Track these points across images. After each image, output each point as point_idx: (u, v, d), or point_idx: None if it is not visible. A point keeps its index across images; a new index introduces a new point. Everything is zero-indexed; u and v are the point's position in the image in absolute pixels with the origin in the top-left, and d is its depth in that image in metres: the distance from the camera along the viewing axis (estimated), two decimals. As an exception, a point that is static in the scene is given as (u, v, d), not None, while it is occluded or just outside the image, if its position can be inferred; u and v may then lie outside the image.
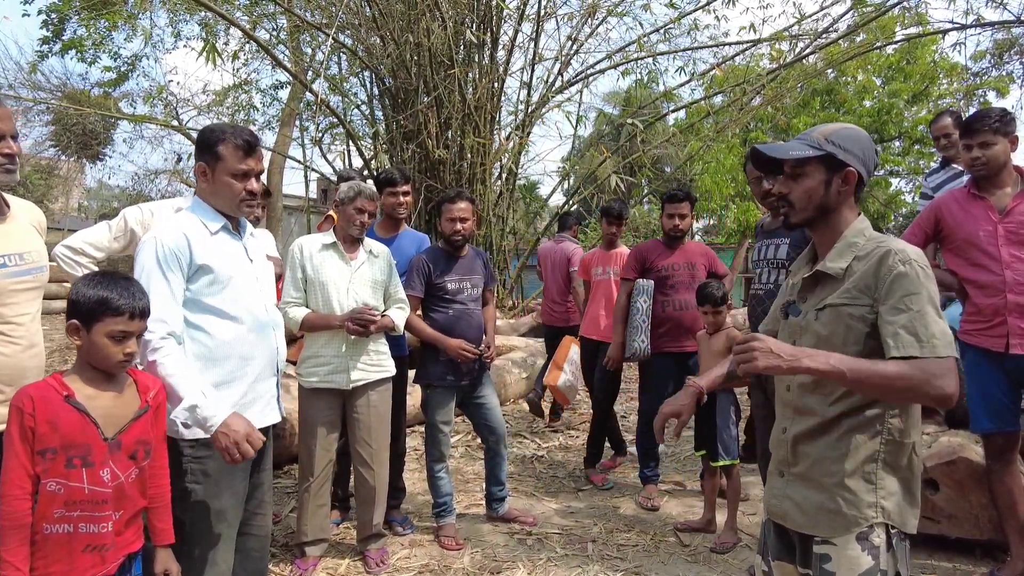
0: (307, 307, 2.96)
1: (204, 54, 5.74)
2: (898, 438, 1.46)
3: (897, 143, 17.87)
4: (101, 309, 1.59)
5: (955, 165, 3.82)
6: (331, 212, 3.99)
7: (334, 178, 8.95)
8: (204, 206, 1.99)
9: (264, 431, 2.09)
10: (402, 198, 3.49)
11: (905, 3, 7.24)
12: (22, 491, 1.51)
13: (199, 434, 1.87)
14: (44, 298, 2.11)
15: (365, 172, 6.98)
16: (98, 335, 1.59)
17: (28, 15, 10.72)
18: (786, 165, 1.55)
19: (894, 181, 19.56)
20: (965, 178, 3.18)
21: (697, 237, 17.88)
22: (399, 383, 3.36)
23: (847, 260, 1.51)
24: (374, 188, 3.09)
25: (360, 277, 3.00)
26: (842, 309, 1.49)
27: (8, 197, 1.91)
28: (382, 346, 3.08)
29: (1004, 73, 11.54)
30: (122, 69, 11.73)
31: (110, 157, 17.10)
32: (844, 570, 1.43)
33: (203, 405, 1.79)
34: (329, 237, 3.03)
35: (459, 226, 3.29)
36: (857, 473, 1.45)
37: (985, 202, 2.68)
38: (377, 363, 3.03)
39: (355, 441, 3.02)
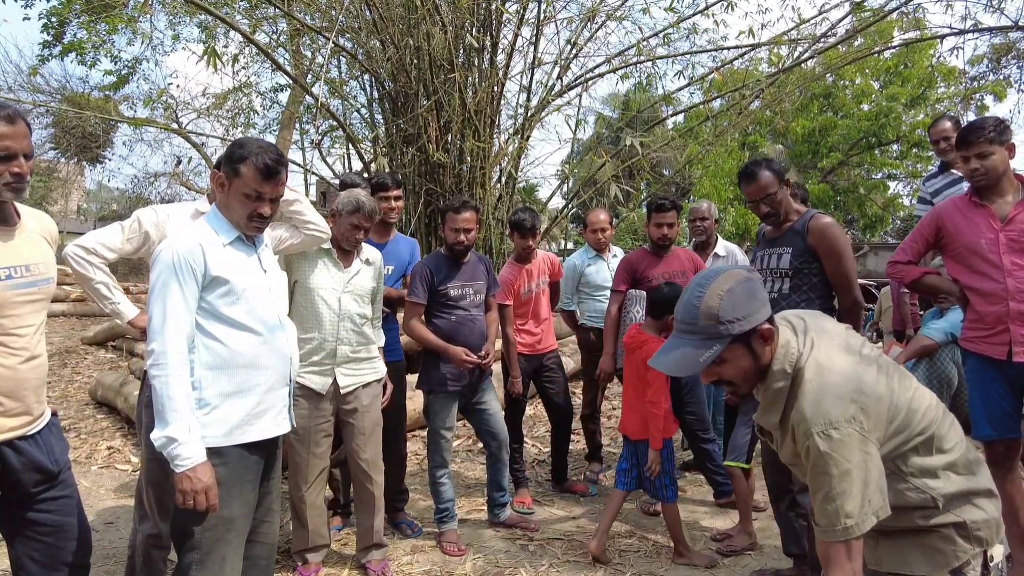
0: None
1: (205, 58, 5.74)
2: (947, 481, 1.50)
3: (895, 147, 17.90)
4: None
5: (954, 171, 3.83)
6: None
7: (335, 181, 8.94)
8: (220, 217, 2.00)
9: (276, 440, 2.09)
10: (394, 203, 3.49)
11: (903, 8, 7.26)
12: None
13: (210, 442, 1.87)
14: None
15: (367, 175, 6.99)
16: None
17: (28, 19, 10.72)
18: None
19: (892, 184, 19.61)
20: (964, 184, 3.19)
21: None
22: (397, 387, 3.36)
23: (775, 414, 1.52)
24: (375, 204, 3.01)
25: (353, 286, 2.98)
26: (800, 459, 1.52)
27: (19, 207, 1.90)
28: (373, 352, 3.07)
29: (1001, 77, 11.59)
30: (122, 72, 11.74)
31: (110, 160, 17.10)
32: None
33: (183, 442, 1.78)
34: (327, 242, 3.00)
35: (462, 236, 3.29)
36: (932, 531, 1.49)
37: (987, 210, 2.69)
38: (369, 368, 3.03)
39: (352, 448, 3.01)
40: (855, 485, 1.37)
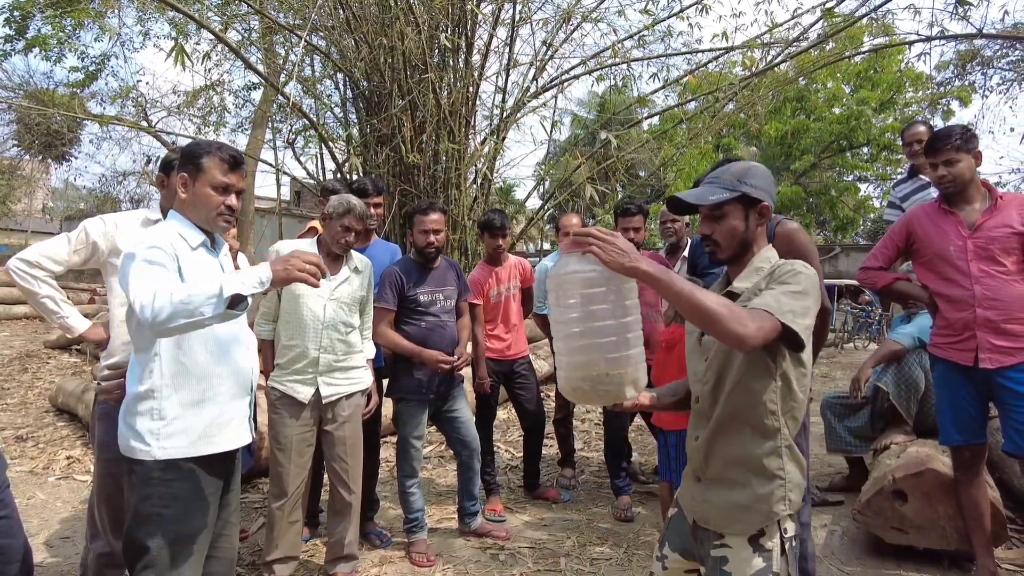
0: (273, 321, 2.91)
1: (173, 56, 5.60)
2: (791, 430, 1.58)
3: (866, 149, 18.20)
4: None
5: (922, 176, 3.88)
6: (312, 224, 3.90)
7: (308, 180, 8.81)
8: (184, 220, 1.93)
9: (235, 452, 2.02)
10: (372, 209, 3.44)
11: (873, 14, 7.36)
12: None
13: (169, 454, 1.80)
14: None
15: (350, 181, 6.90)
16: None
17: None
18: (705, 208, 1.66)
19: (863, 186, 19.96)
20: (933, 189, 3.23)
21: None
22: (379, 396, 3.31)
23: (752, 281, 1.62)
24: (365, 207, 2.99)
25: (339, 294, 2.93)
26: None
27: None
28: (359, 363, 3.02)
29: (967, 83, 11.83)
30: (90, 69, 11.46)
31: (76, 158, 16.72)
32: (738, 571, 1.54)
33: (245, 281, 1.70)
34: (311, 247, 2.95)
35: (432, 238, 3.25)
36: (765, 469, 1.55)
37: (955, 217, 2.72)
38: (354, 378, 2.98)
39: (331, 458, 2.95)
40: (810, 299, 1.51)
